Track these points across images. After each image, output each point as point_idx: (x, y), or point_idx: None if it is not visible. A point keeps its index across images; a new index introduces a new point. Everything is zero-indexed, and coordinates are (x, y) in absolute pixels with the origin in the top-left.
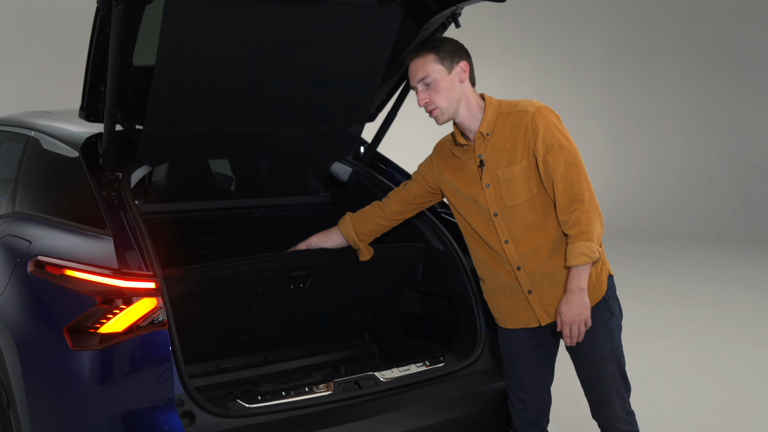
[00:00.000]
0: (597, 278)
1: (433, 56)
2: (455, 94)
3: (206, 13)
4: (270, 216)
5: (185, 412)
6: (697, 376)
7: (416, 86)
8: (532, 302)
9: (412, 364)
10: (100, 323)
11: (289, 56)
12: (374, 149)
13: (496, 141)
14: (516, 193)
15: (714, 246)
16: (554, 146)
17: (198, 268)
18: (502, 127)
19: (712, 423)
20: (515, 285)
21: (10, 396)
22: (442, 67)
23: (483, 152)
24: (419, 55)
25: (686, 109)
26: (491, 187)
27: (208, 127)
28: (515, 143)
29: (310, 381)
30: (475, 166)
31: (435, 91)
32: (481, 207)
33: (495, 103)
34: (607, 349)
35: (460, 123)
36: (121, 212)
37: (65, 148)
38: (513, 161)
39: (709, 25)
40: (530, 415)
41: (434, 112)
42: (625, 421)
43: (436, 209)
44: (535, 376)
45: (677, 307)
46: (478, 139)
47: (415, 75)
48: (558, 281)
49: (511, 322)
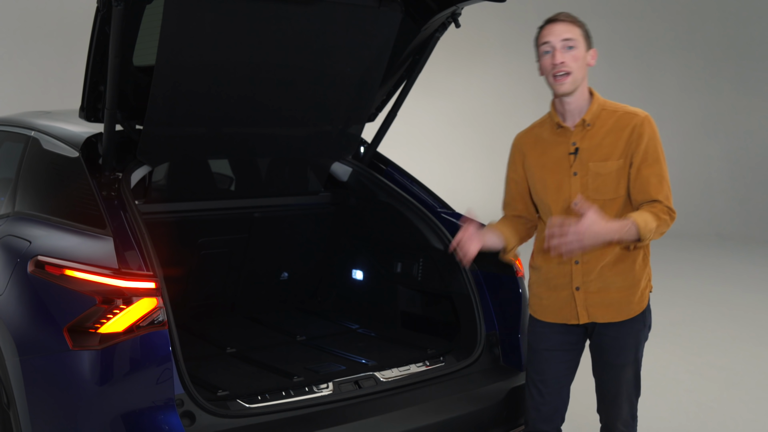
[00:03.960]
0: (642, 293)
1: (581, 30)
2: (584, 71)
3: (206, 13)
4: (270, 216)
5: (185, 412)
6: (697, 376)
7: (556, 45)
8: (578, 299)
9: (412, 364)
10: (100, 323)
11: (289, 56)
12: (374, 149)
13: (595, 133)
14: (604, 189)
15: (714, 246)
16: (651, 157)
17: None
18: (604, 121)
19: (712, 423)
20: (566, 280)
21: (10, 396)
22: (584, 42)
23: (579, 141)
24: (568, 21)
25: (686, 109)
26: (578, 177)
27: (208, 127)
28: (616, 141)
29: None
30: (565, 152)
31: (574, 56)
32: (562, 195)
33: (600, 99)
34: (631, 358)
35: (570, 102)
36: (121, 212)
37: (65, 148)
38: (609, 157)
39: (709, 25)
40: (547, 409)
41: (565, 77)
42: (628, 423)
43: (436, 209)
44: (559, 372)
45: (677, 307)
46: (577, 126)
47: (561, 33)
48: (609, 285)
49: (551, 316)
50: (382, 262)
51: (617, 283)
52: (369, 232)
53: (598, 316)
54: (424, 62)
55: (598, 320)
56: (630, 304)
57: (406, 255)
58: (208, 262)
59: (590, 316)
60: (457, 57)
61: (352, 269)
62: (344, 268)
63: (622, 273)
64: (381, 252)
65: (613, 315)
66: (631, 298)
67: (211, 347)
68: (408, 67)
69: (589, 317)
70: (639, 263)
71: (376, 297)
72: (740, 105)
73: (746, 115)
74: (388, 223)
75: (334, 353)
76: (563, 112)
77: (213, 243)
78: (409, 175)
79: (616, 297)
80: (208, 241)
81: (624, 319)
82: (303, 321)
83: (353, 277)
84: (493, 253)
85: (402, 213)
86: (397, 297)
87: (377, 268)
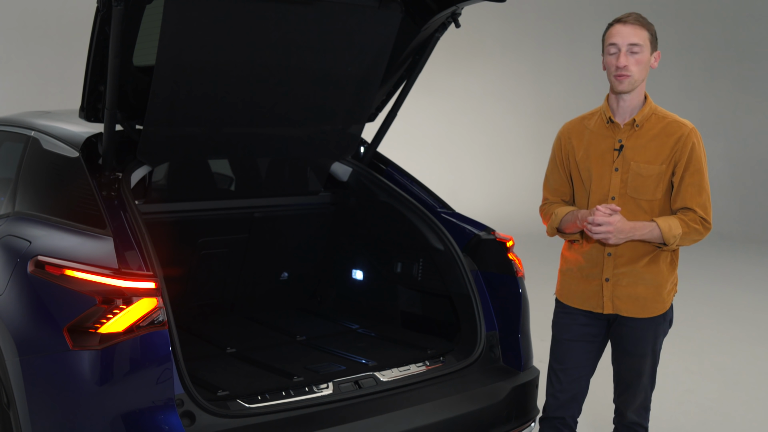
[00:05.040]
0: (668, 294)
1: (648, 34)
2: (645, 73)
3: (206, 13)
4: (270, 216)
5: (185, 412)
6: (697, 376)
7: (622, 48)
8: (605, 290)
9: (412, 364)
10: (100, 323)
11: (289, 56)
12: (374, 149)
13: (642, 135)
14: (642, 189)
15: (714, 246)
16: (693, 167)
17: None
18: (653, 125)
19: (712, 423)
20: (597, 270)
21: (10, 396)
22: (650, 45)
23: (625, 139)
24: (637, 23)
25: (686, 109)
26: (619, 173)
27: (208, 127)
28: (662, 146)
29: (310, 381)
30: (611, 147)
31: (637, 61)
32: (602, 187)
33: (653, 104)
34: (649, 349)
35: (625, 100)
36: (121, 212)
37: (65, 148)
38: (654, 161)
39: (709, 26)
40: (564, 396)
41: (626, 78)
42: (639, 414)
43: (436, 209)
44: (579, 362)
45: (677, 307)
46: (627, 124)
47: (627, 37)
48: (638, 281)
49: (578, 301)
50: (382, 262)
51: (645, 280)
52: (369, 232)
53: (623, 309)
54: (424, 62)
55: (622, 313)
56: (655, 303)
57: (406, 255)
58: (208, 262)
59: (615, 307)
60: (457, 57)
61: (352, 269)
62: (344, 268)
63: (650, 272)
64: (381, 252)
65: (637, 311)
66: (657, 297)
67: (211, 347)
68: (408, 67)
69: (614, 308)
70: (667, 265)
71: (376, 297)
72: (740, 105)
73: (746, 115)
74: (388, 223)
75: (334, 353)
76: (616, 109)
77: (213, 243)
78: (409, 175)
79: (642, 293)
80: (208, 241)
81: (647, 316)
82: (303, 321)
83: (353, 277)
84: (493, 253)
85: (402, 213)
86: (397, 297)
87: (377, 268)
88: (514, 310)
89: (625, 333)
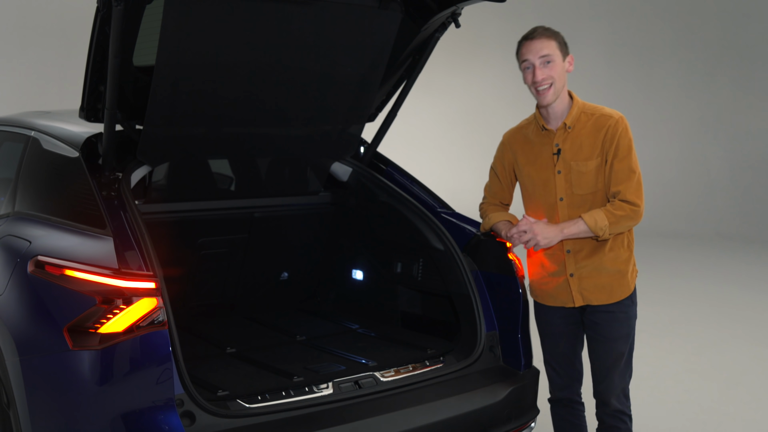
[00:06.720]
0: (631, 275)
1: (555, 42)
2: (564, 79)
3: (206, 13)
4: (270, 216)
5: (185, 412)
6: (697, 376)
7: (534, 62)
8: (572, 285)
9: (412, 364)
10: (100, 323)
11: (289, 56)
12: (374, 149)
13: (576, 135)
14: (585, 185)
15: (714, 246)
16: (621, 153)
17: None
18: (583, 124)
19: (712, 423)
20: (560, 268)
21: (10, 396)
22: (560, 53)
23: (561, 142)
24: (543, 36)
25: (686, 109)
26: (562, 174)
27: (208, 127)
28: (595, 141)
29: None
30: (550, 152)
31: (551, 69)
32: (549, 191)
33: (580, 102)
34: (623, 332)
35: (553, 108)
36: (121, 212)
37: (65, 148)
38: (590, 156)
39: (709, 25)
40: (562, 381)
41: (549, 89)
42: (621, 401)
43: (436, 209)
44: (566, 351)
45: (677, 307)
46: (559, 129)
47: (538, 51)
48: (600, 271)
49: (551, 300)
50: (382, 262)
51: (608, 269)
52: (369, 232)
53: (593, 299)
54: (424, 62)
55: (593, 302)
56: (621, 287)
57: (406, 255)
58: (208, 262)
59: (585, 299)
60: (457, 57)
61: (352, 269)
62: (344, 268)
63: (611, 260)
64: (381, 252)
65: (605, 297)
66: (622, 281)
67: (211, 347)
68: (408, 67)
69: (584, 300)
70: (624, 250)
71: (376, 297)
72: (740, 105)
73: (746, 115)
74: (388, 223)
75: (334, 353)
76: (546, 116)
77: (213, 243)
78: (409, 175)
79: (607, 281)
80: (208, 241)
81: (615, 300)
82: (303, 321)
83: (353, 277)
84: (493, 253)
85: (402, 213)
86: (397, 297)
87: (377, 268)
88: (514, 310)
89: (599, 320)
